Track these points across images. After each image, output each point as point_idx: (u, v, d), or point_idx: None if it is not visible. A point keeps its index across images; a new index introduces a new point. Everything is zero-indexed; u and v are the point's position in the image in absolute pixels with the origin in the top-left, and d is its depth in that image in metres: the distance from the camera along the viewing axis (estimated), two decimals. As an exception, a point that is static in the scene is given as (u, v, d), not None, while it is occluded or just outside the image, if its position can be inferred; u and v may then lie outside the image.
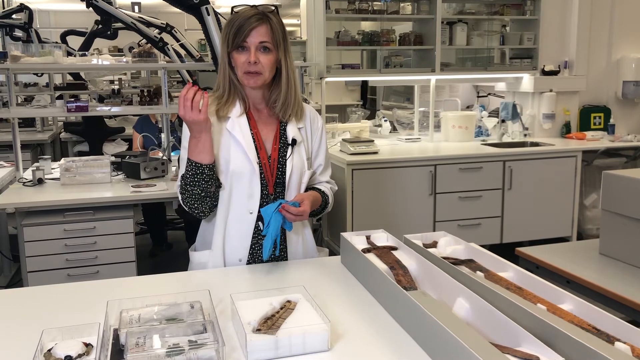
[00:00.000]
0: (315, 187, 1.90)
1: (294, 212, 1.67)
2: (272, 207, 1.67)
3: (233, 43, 1.68)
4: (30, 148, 5.92)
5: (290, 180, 1.78)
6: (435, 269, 1.40)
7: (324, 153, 1.92)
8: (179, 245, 4.99)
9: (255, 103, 1.81)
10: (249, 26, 1.66)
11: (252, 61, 1.67)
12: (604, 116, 5.09)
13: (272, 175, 1.76)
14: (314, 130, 1.88)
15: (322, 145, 1.92)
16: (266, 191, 1.76)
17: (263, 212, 1.69)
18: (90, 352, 1.16)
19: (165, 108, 4.02)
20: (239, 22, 1.67)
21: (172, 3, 3.50)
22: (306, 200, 1.73)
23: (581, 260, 2.17)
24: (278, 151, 1.78)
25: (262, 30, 1.67)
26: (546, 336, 1.09)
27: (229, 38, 1.69)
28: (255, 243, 1.78)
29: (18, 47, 4.19)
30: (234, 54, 1.70)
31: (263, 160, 1.75)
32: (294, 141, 1.79)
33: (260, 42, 1.67)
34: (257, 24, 1.67)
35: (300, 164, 1.80)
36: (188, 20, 9.07)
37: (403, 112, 5.42)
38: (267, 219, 1.67)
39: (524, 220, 4.44)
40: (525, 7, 4.85)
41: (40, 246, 3.17)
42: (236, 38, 1.67)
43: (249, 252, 1.79)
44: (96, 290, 1.61)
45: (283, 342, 1.18)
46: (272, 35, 1.69)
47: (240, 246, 1.78)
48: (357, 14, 4.54)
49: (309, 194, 1.79)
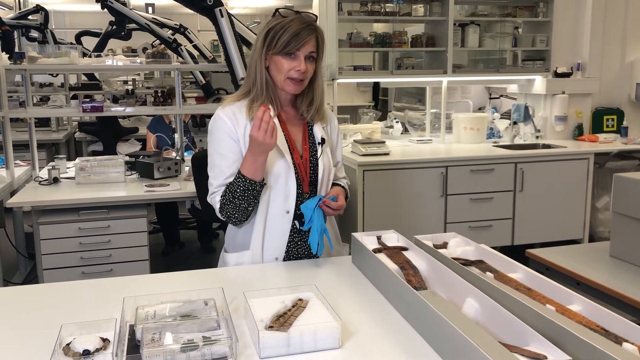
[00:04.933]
0: (337, 182, 1.96)
1: (334, 207, 1.75)
2: (312, 204, 1.73)
3: (284, 49, 1.69)
4: (46, 147, 6.00)
5: (322, 179, 1.83)
6: (446, 270, 1.42)
7: (340, 151, 2.01)
8: (191, 244, 5.03)
9: (284, 105, 1.85)
10: (305, 37, 1.68)
11: (302, 70, 1.70)
12: (617, 118, 5.06)
13: (307, 175, 1.81)
14: (332, 128, 1.96)
15: (339, 143, 2.00)
16: (301, 190, 1.80)
17: (303, 208, 1.75)
18: (107, 346, 1.19)
19: (179, 109, 4.06)
20: (293, 30, 1.68)
21: (185, 4, 3.54)
22: (341, 195, 1.82)
23: (591, 262, 2.17)
24: (309, 151, 1.83)
25: (313, 41, 1.71)
26: (554, 336, 1.10)
27: (276, 42, 1.69)
28: (290, 241, 1.83)
29: (34, 47, 4.25)
30: (278, 57, 1.71)
31: (296, 160, 1.80)
32: (323, 140, 1.85)
33: (310, 52, 1.71)
34: (311, 37, 1.70)
35: (329, 162, 1.86)
36: (201, 22, 9.14)
37: (415, 114, 5.42)
38: (308, 215, 1.73)
39: (535, 223, 4.43)
40: (538, 9, 4.83)
41: (56, 244, 3.22)
42: (289, 45, 1.68)
43: (285, 250, 1.83)
44: (112, 287, 1.64)
45: (295, 339, 1.20)
46: (318, 46, 1.74)
47: (278, 245, 1.82)
48: (370, 16, 4.55)
49: (340, 189, 1.89)
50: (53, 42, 5.67)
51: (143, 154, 4.10)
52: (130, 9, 4.85)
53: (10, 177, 3.77)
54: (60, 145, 6.26)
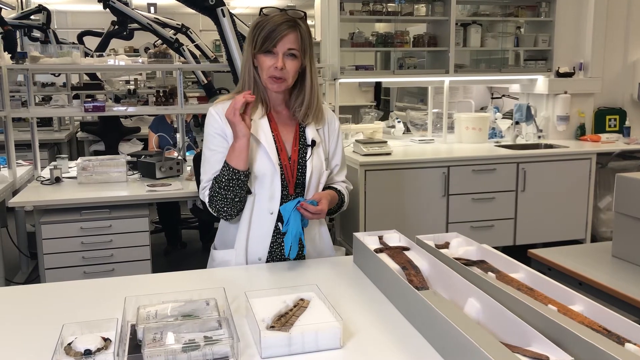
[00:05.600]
0: (332, 186, 1.93)
1: (312, 211, 1.71)
2: (291, 205, 1.71)
3: (262, 47, 1.69)
4: (48, 147, 6.00)
5: (310, 181, 1.80)
6: (447, 270, 1.41)
7: (340, 154, 1.96)
8: (193, 244, 5.03)
9: (276, 105, 1.83)
10: (280, 33, 1.67)
11: (279, 67, 1.68)
12: (619, 118, 5.05)
13: (293, 177, 1.79)
14: (331, 131, 1.91)
15: (339, 146, 1.95)
16: (286, 192, 1.78)
17: (282, 209, 1.73)
18: (108, 346, 1.19)
19: (181, 108, 4.06)
20: (269, 27, 1.67)
21: (187, 4, 3.54)
22: (324, 199, 1.76)
23: (593, 262, 2.17)
24: (298, 152, 1.81)
25: (292, 37, 1.68)
26: (556, 336, 1.10)
27: (256, 40, 1.69)
28: (274, 242, 1.82)
29: (36, 47, 4.26)
30: (260, 56, 1.71)
31: (284, 161, 1.78)
32: (314, 142, 1.82)
33: (288, 49, 1.69)
34: (288, 32, 1.67)
35: (319, 165, 1.83)
36: (203, 21, 9.13)
37: (416, 114, 5.42)
38: (286, 217, 1.71)
39: (537, 223, 4.42)
40: (540, 8, 4.82)
41: (58, 244, 3.22)
42: (265, 43, 1.68)
43: (268, 251, 1.82)
44: (113, 287, 1.64)
45: (296, 339, 1.20)
46: (300, 42, 1.70)
47: (260, 246, 1.81)
48: (371, 16, 4.55)
49: (327, 193, 1.83)
50: (55, 42, 5.68)
51: (145, 154, 4.10)
52: (132, 9, 4.85)
53: (12, 177, 3.77)
54: (62, 145, 6.26)
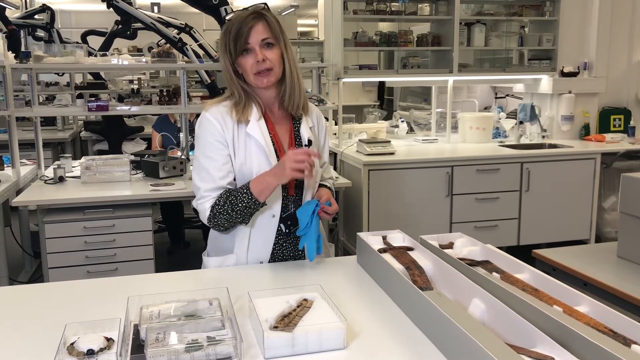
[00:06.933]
0: (323, 184, 1.92)
1: (331, 212, 1.72)
2: (309, 209, 1.69)
3: (236, 49, 1.67)
4: (51, 146, 6.01)
5: (309, 181, 1.79)
6: (451, 270, 1.41)
7: (327, 150, 1.97)
8: (196, 243, 5.03)
9: (269, 104, 1.81)
10: (247, 26, 1.66)
11: (261, 59, 1.66)
12: (624, 118, 5.03)
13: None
14: (320, 128, 1.92)
15: (327, 143, 1.96)
16: (286, 193, 1.78)
17: (299, 213, 1.70)
18: (111, 346, 1.18)
19: (184, 108, 4.06)
20: (236, 26, 1.66)
21: (191, 4, 3.55)
22: (332, 199, 1.78)
23: (598, 263, 2.16)
24: None
25: (260, 27, 1.67)
26: (562, 338, 1.09)
27: (229, 46, 1.68)
28: (276, 244, 1.80)
29: (40, 47, 4.26)
30: (239, 60, 1.69)
31: None
32: (310, 142, 1.81)
33: (262, 39, 1.67)
34: (255, 22, 1.66)
35: (316, 164, 1.81)
36: (207, 21, 9.12)
37: (420, 113, 5.41)
38: (304, 221, 1.68)
39: (542, 223, 4.41)
40: (545, 8, 4.80)
41: (61, 243, 3.22)
42: (238, 42, 1.66)
43: (271, 253, 1.80)
44: (116, 287, 1.64)
45: (299, 340, 1.20)
46: (271, 30, 1.69)
47: (263, 249, 1.79)
48: (375, 15, 4.54)
49: (329, 192, 1.85)
50: (59, 42, 5.69)
51: (148, 153, 4.10)
52: (135, 9, 4.85)
53: (16, 176, 3.78)
54: (66, 144, 6.27)
